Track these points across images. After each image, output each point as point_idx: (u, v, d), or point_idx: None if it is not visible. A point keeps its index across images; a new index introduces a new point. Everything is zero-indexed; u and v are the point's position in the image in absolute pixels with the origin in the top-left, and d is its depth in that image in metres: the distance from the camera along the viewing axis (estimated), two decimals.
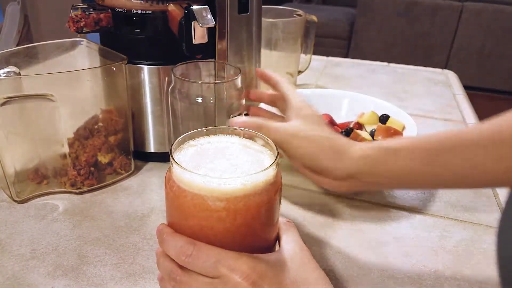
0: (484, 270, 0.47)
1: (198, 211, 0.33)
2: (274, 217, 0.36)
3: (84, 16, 0.56)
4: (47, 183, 0.57)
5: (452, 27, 2.92)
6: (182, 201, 0.33)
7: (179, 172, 0.33)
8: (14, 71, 0.50)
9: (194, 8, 0.53)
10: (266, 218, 0.35)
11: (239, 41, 0.63)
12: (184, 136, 0.37)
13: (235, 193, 0.32)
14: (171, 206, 0.35)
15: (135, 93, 0.60)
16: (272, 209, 0.35)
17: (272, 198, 0.35)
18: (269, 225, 0.36)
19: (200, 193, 0.32)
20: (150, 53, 0.59)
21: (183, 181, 0.33)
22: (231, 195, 0.32)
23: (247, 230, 0.34)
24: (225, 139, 0.39)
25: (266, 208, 0.34)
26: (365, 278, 0.45)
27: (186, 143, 0.38)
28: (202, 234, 0.34)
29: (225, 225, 0.33)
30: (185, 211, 0.33)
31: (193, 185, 0.32)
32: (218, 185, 0.32)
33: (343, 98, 0.77)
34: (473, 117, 0.87)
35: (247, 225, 0.34)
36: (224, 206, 0.32)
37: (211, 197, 0.32)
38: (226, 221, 0.33)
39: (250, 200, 0.33)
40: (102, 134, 0.58)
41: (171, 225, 0.36)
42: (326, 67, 1.13)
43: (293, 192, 0.60)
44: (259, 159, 0.36)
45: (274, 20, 0.82)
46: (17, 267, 0.45)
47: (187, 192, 0.33)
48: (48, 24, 2.04)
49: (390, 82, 1.05)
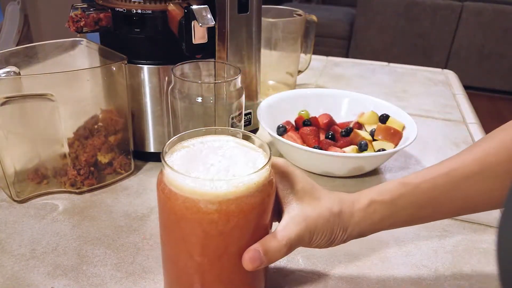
0: (484, 270, 0.47)
1: (190, 214, 0.32)
2: (268, 218, 0.36)
3: (84, 16, 0.56)
4: (47, 183, 0.57)
5: (452, 27, 2.92)
6: (174, 204, 0.32)
7: (170, 174, 0.32)
8: (14, 71, 0.50)
9: (194, 7, 0.53)
10: (260, 219, 0.35)
11: (239, 41, 0.63)
12: (177, 137, 0.36)
13: (227, 196, 0.32)
14: (163, 208, 0.35)
15: (135, 93, 0.60)
16: (266, 210, 0.35)
17: (265, 200, 0.34)
18: (263, 227, 0.35)
19: (192, 196, 0.32)
20: (150, 53, 0.59)
21: (174, 184, 0.32)
22: (223, 197, 0.31)
23: (240, 233, 0.34)
24: (219, 139, 0.38)
25: (260, 210, 0.34)
26: (365, 278, 0.45)
27: (179, 144, 0.37)
28: (194, 237, 0.33)
29: (218, 228, 0.32)
30: (176, 214, 0.33)
31: (184, 188, 0.32)
32: (210, 187, 0.31)
33: (343, 98, 0.77)
34: (473, 117, 0.87)
35: (240, 227, 0.33)
36: (217, 209, 0.32)
37: (203, 200, 0.31)
38: (218, 224, 0.32)
39: (243, 202, 0.32)
40: (102, 134, 0.58)
41: (163, 227, 0.36)
42: (326, 67, 1.13)
43: None
44: (253, 159, 0.36)
45: (274, 20, 0.82)
46: (17, 267, 0.45)
47: (178, 195, 0.32)
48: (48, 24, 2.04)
49: (390, 82, 1.05)
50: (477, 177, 0.38)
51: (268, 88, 0.89)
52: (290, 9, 0.88)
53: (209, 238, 0.33)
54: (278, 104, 0.72)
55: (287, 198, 0.38)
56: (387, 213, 0.39)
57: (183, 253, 0.35)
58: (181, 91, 0.54)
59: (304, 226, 0.36)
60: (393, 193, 0.39)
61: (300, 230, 0.36)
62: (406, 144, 0.61)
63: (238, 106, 0.57)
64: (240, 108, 0.57)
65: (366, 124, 0.72)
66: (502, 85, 3.01)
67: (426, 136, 0.78)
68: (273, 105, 0.71)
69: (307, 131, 0.67)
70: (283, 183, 0.38)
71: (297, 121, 0.72)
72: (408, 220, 0.40)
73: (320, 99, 0.76)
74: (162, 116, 0.61)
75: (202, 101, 0.54)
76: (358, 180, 0.63)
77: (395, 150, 0.61)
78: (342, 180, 0.63)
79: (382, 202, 0.39)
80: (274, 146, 0.71)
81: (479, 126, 0.83)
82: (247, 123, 0.69)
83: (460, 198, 0.39)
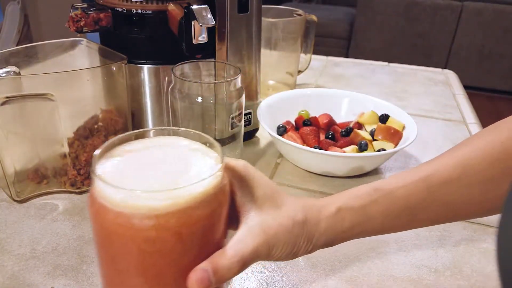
0: (484, 270, 0.47)
1: (124, 231, 0.27)
2: (219, 231, 0.31)
3: (84, 16, 0.56)
4: (47, 182, 0.57)
5: (452, 27, 2.92)
6: (104, 219, 0.28)
7: (100, 185, 0.28)
8: (14, 71, 0.50)
9: (194, 7, 0.53)
10: (209, 234, 0.30)
11: (239, 41, 0.63)
12: (113, 140, 0.31)
13: (166, 209, 0.27)
14: (93, 225, 0.30)
15: (135, 93, 0.60)
16: (217, 223, 0.30)
17: (216, 211, 0.30)
18: (212, 242, 0.31)
19: (125, 211, 0.27)
20: (150, 53, 0.59)
21: (105, 196, 0.27)
22: (161, 211, 0.27)
23: (184, 250, 0.29)
24: (166, 142, 0.33)
25: (208, 223, 0.29)
26: (365, 278, 0.45)
27: (118, 148, 0.32)
28: (129, 256, 0.29)
29: (156, 246, 0.28)
30: (108, 230, 0.28)
31: (116, 202, 0.27)
32: (145, 200, 0.27)
33: (343, 98, 0.77)
34: (473, 117, 0.87)
35: (184, 244, 0.28)
36: (154, 225, 0.27)
37: (138, 215, 0.27)
38: (156, 242, 0.27)
39: (186, 215, 0.28)
40: (102, 133, 0.58)
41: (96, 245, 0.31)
42: (326, 67, 1.13)
43: (293, 192, 0.60)
44: (203, 165, 0.31)
45: (274, 19, 0.82)
46: (17, 267, 0.45)
47: (109, 209, 0.27)
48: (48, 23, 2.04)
49: (390, 82, 1.05)
50: (456, 183, 0.35)
51: (268, 88, 0.89)
52: (290, 9, 0.88)
53: (147, 257, 0.28)
54: (278, 104, 0.72)
55: (246, 206, 0.33)
56: (357, 221, 0.35)
57: (118, 274, 0.30)
58: (181, 91, 0.54)
59: (262, 239, 0.32)
60: (364, 199, 0.36)
61: (257, 244, 0.32)
62: (406, 144, 0.61)
63: (238, 106, 0.57)
64: (240, 108, 0.57)
65: (366, 124, 0.72)
66: (502, 85, 3.01)
67: (426, 136, 0.78)
68: (273, 105, 0.71)
69: (307, 131, 0.67)
70: (242, 190, 0.33)
71: (297, 121, 0.72)
72: (380, 228, 0.37)
73: (320, 99, 0.76)
74: (162, 116, 0.61)
75: (202, 101, 0.54)
76: (358, 180, 0.63)
77: (395, 150, 0.61)
78: (342, 180, 0.63)
79: (352, 209, 0.35)
80: (274, 146, 0.71)
81: (479, 126, 0.83)
82: (247, 123, 0.69)
83: (437, 205, 0.36)
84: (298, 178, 0.63)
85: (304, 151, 0.60)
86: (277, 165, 0.66)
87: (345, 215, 0.35)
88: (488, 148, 0.35)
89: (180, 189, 0.27)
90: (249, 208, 0.33)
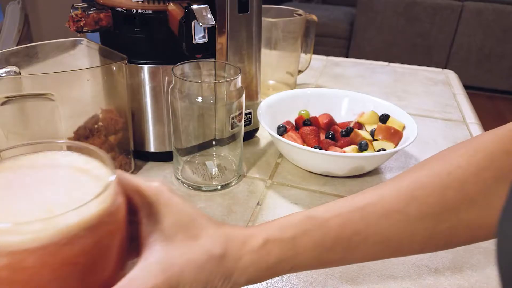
0: (484, 270, 0.47)
1: None
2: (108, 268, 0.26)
3: (84, 16, 0.56)
4: None
5: (452, 27, 2.92)
6: None
7: None
8: (14, 71, 0.50)
9: (194, 7, 0.53)
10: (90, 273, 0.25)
11: (239, 41, 0.63)
12: None
13: (24, 245, 0.22)
14: None
15: (135, 93, 0.60)
16: (101, 259, 0.25)
17: (102, 244, 0.25)
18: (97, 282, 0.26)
19: None
20: (150, 53, 0.59)
21: None
22: (17, 247, 0.22)
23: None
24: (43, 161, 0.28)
25: (88, 259, 0.24)
26: (365, 278, 0.45)
27: None
28: None
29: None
30: None
31: None
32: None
33: (343, 98, 0.77)
34: (473, 117, 0.87)
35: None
36: (6, 265, 0.22)
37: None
38: (12, 286, 0.23)
39: (52, 253, 0.22)
40: (102, 133, 0.58)
41: None
42: (326, 67, 1.13)
43: (293, 192, 0.60)
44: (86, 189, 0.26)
45: (274, 19, 0.82)
46: None
47: None
48: (48, 23, 2.04)
49: (390, 82, 1.05)
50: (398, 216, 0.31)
51: (268, 88, 0.89)
52: (290, 9, 0.88)
53: None
54: (278, 104, 0.72)
55: (151, 237, 0.28)
56: (286, 255, 0.31)
57: None
58: (181, 91, 0.54)
59: (162, 279, 0.27)
60: (296, 229, 0.31)
61: (154, 286, 0.26)
62: (406, 144, 0.61)
63: (238, 106, 0.57)
64: (240, 108, 0.57)
65: (366, 124, 0.72)
66: (502, 85, 3.01)
67: (426, 136, 0.78)
68: (273, 105, 0.71)
69: (307, 131, 0.67)
70: (149, 217, 0.28)
71: (297, 121, 0.72)
72: (313, 263, 0.33)
73: (320, 99, 0.76)
74: (162, 115, 0.61)
75: (202, 101, 0.54)
76: (358, 180, 0.63)
77: (395, 150, 0.61)
78: (342, 180, 0.63)
79: (281, 241, 0.31)
80: (274, 146, 0.71)
81: (479, 126, 0.83)
82: (247, 123, 0.69)
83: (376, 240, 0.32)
84: (298, 178, 0.63)
85: (304, 151, 0.60)
86: (277, 165, 0.66)
87: (272, 248, 0.31)
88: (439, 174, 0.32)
89: (50, 220, 0.22)
90: (154, 240, 0.28)
